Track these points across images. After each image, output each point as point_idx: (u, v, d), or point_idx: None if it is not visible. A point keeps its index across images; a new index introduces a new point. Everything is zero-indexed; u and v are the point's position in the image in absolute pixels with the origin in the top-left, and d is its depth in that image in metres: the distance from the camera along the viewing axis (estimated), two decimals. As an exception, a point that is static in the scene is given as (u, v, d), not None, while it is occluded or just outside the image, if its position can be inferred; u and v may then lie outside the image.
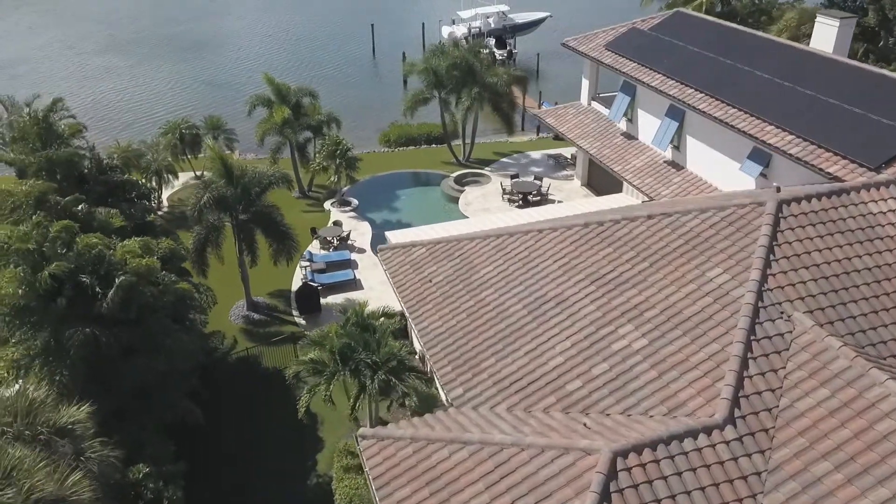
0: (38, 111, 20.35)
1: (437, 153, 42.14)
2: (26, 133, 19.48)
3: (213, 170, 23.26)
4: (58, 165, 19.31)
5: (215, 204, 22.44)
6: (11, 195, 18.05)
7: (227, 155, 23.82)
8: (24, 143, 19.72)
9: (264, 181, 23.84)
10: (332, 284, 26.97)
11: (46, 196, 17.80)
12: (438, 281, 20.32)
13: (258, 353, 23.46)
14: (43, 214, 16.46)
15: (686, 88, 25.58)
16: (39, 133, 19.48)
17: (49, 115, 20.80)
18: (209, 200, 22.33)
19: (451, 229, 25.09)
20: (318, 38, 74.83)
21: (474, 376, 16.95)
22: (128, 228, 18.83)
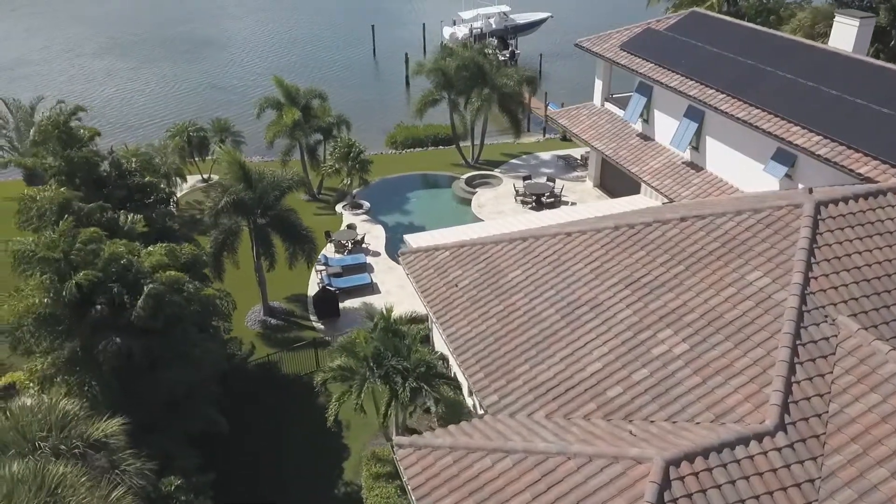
0: (59, 115, 19.97)
1: (445, 155, 41.86)
2: (47, 137, 19.09)
3: (229, 173, 22.91)
4: (78, 168, 18.93)
5: (233, 208, 22.10)
6: (34, 201, 17.65)
7: (242, 158, 23.41)
8: (45, 147, 19.33)
9: (282, 185, 23.51)
10: (349, 289, 26.64)
11: (70, 202, 17.42)
12: (465, 285, 20.05)
13: (278, 358, 23.09)
14: (70, 221, 16.08)
15: (706, 89, 25.39)
16: (60, 137, 19.09)
17: (69, 119, 20.41)
18: (227, 204, 21.99)
19: (471, 232, 24.79)
20: (319, 39, 74.50)
21: (508, 383, 16.68)
22: (151, 234, 18.47)
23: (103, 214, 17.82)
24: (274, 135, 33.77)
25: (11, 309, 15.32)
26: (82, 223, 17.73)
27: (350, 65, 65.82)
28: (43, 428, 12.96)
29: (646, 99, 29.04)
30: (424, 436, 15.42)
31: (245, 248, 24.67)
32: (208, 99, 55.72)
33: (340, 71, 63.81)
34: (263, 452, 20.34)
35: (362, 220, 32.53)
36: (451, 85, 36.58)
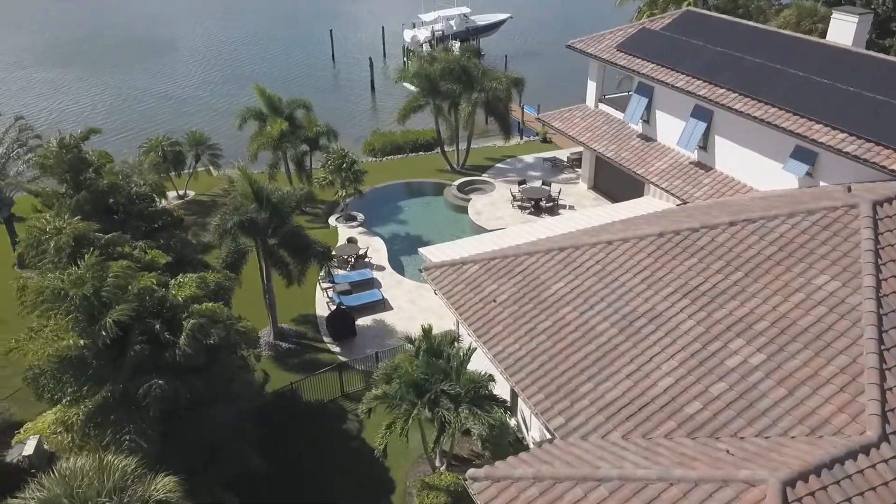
0: (68, 138, 18.21)
1: (428, 161, 40.97)
2: (58, 162, 17.36)
3: (239, 191, 21.50)
4: (99, 197, 17.32)
5: (244, 229, 20.74)
6: (44, 233, 15.99)
7: (246, 171, 21.97)
8: (54, 173, 17.60)
9: (292, 201, 22.23)
10: (361, 306, 25.48)
11: (88, 234, 15.85)
12: (504, 300, 19.25)
13: (299, 385, 21.81)
14: (96, 255, 14.58)
15: (716, 88, 25.25)
16: (71, 162, 17.40)
17: (80, 143, 18.66)
18: (236, 225, 20.63)
19: (488, 242, 24.00)
20: (273, 45, 72.32)
21: (573, 403, 15.96)
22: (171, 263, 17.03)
23: (123, 246, 16.31)
24: (259, 147, 32.24)
25: (37, 353, 13.78)
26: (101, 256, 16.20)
27: (309, 71, 64.14)
28: (100, 492, 11.60)
29: (647, 99, 28.80)
30: (499, 466, 14.53)
31: (248, 268, 23.31)
32: (162, 109, 53.31)
33: (300, 77, 62.00)
34: (302, 488, 19.07)
35: (358, 233, 31.34)
36: (437, 90, 35.67)
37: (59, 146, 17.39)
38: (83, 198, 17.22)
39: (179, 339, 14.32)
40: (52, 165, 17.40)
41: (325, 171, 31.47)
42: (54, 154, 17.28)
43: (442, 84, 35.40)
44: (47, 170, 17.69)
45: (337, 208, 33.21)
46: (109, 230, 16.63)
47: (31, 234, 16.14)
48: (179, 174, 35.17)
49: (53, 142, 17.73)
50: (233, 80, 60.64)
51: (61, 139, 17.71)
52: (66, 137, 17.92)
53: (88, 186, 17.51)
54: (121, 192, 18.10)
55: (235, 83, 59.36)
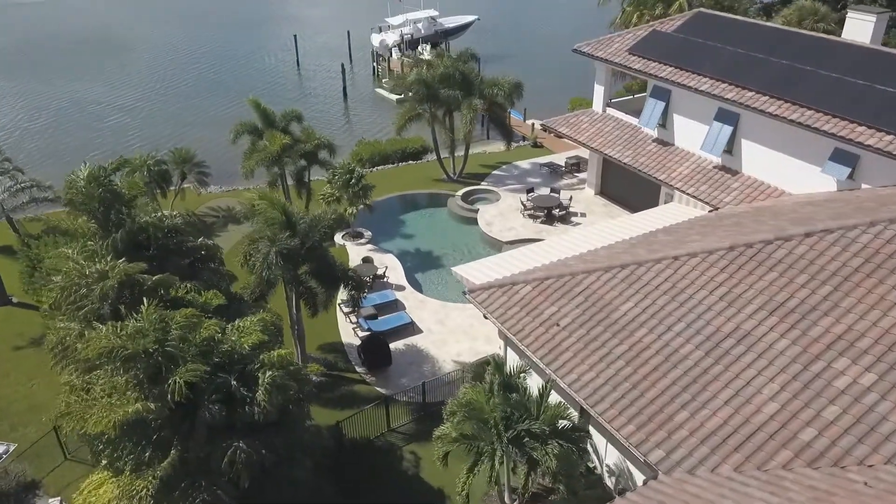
0: (99, 170, 16.26)
1: (421, 170, 39.72)
2: (87, 199, 15.42)
3: (268, 218, 19.86)
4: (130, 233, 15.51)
5: (282, 260, 19.18)
6: (83, 277, 14.15)
7: (270, 195, 20.36)
8: (85, 207, 15.64)
9: (322, 226, 20.73)
10: (389, 331, 24.10)
11: (133, 277, 14.11)
12: (568, 324, 18.23)
13: (343, 423, 20.32)
14: (154, 304, 12.92)
15: (744, 91, 24.80)
16: (103, 197, 15.52)
17: (112, 174, 16.74)
18: (275, 257, 19.04)
19: (523, 258, 22.92)
20: (235, 51, 69.60)
21: (670, 434, 15.04)
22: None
23: (174, 288, 14.64)
24: (257, 163, 30.44)
25: (99, 423, 12.09)
26: (142, 300, 14.51)
27: (273, 79, 61.84)
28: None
29: (664, 103, 28.21)
30: (619, 511, 13.50)
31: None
32: (122, 123, 50.44)
33: (265, 86, 59.53)
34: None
35: (368, 251, 29.87)
36: (436, 97, 34.42)
37: (89, 180, 15.53)
38: (119, 237, 15.41)
39: (256, 395, 12.80)
40: (82, 202, 15.51)
41: (331, 187, 29.87)
42: (83, 190, 15.39)
43: (441, 91, 34.16)
44: (75, 207, 15.78)
45: (344, 225, 31.64)
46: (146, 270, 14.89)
47: (68, 279, 14.27)
48: (165, 194, 32.98)
49: (80, 174, 15.83)
50: (195, 90, 58.10)
51: (90, 172, 15.85)
52: (94, 169, 16.05)
53: (121, 223, 15.70)
54: (157, 226, 16.33)
55: (199, 95, 56.91)
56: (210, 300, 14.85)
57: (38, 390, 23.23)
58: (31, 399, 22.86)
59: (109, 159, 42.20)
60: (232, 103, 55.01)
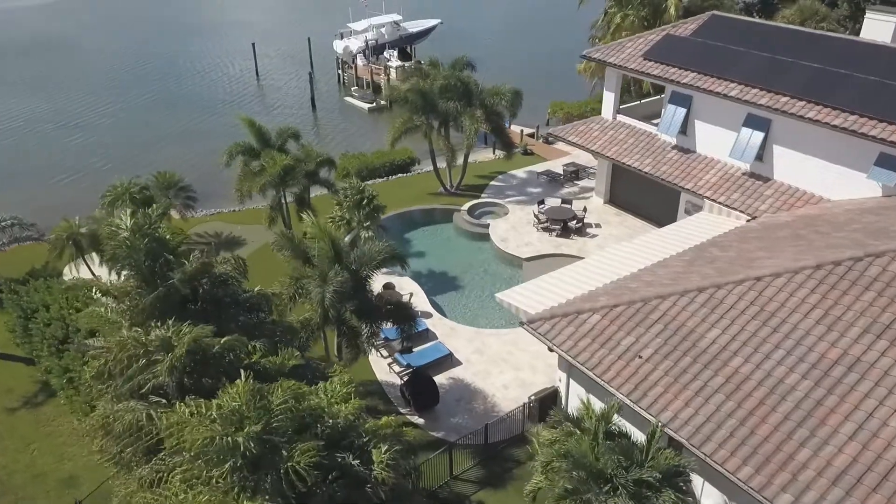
0: (144, 217, 14.02)
1: (413, 183, 38.07)
2: (133, 251, 13.19)
3: (318, 251, 17.99)
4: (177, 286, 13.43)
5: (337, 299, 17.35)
6: (143, 345, 12.04)
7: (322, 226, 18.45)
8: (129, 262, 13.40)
9: (374, 260, 18.98)
10: (428, 365, 22.46)
11: (199, 341, 12.11)
12: (651, 355, 17.02)
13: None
14: (250, 379, 11.00)
15: (778, 96, 24.19)
16: (150, 249, 13.35)
17: (159, 222, 14.49)
18: (331, 298, 17.20)
19: (568, 279, 21.71)
20: (186, 60, 66.18)
21: (795, 475, 13.97)
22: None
23: (246, 352, 12.70)
24: (260, 186, 28.29)
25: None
26: (215, 366, 12.57)
27: (233, 89, 58.99)
28: None
29: (685, 110, 27.42)
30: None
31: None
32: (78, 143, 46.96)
33: (225, 97, 56.72)
34: None
35: (383, 274, 28.05)
36: (433, 108, 32.85)
37: (134, 230, 13.37)
38: (165, 291, 13.34)
39: (374, 474, 11.10)
40: (125, 256, 13.33)
41: (341, 208, 27.92)
42: (127, 242, 13.20)
43: (440, 101, 32.61)
44: (118, 261, 13.58)
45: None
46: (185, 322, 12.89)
47: (122, 348, 12.12)
48: (151, 223, 30.36)
49: (123, 222, 13.62)
50: (154, 104, 54.81)
51: (135, 220, 13.68)
52: (139, 216, 13.88)
53: (167, 276, 13.64)
54: (207, 276, 14.30)
55: (158, 109, 53.69)
56: (287, 361, 12.98)
57: (38, 456, 20.71)
58: (33, 468, 20.33)
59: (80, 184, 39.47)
60: (196, 117, 52.29)
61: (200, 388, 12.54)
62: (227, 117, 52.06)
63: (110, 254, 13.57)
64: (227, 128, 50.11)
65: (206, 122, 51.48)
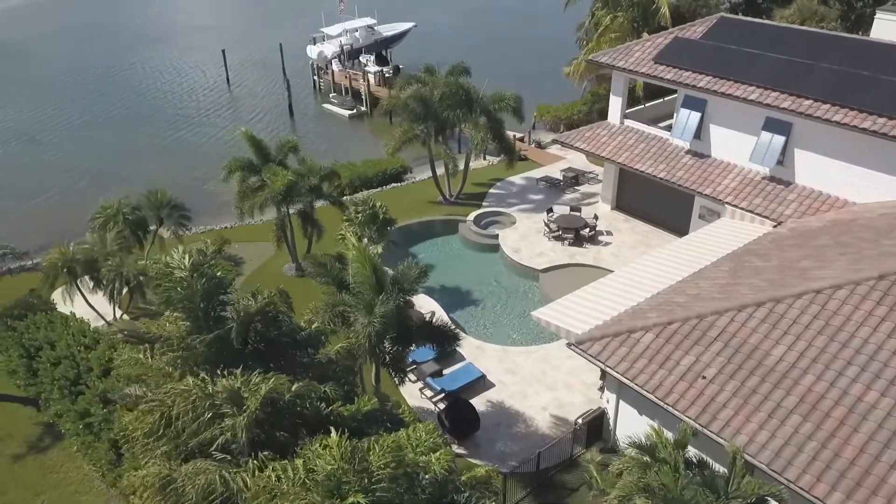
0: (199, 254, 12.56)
1: (410, 193, 37.00)
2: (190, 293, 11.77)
3: (359, 279, 16.82)
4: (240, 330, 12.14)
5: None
6: (209, 396, 10.73)
7: (364, 251, 17.26)
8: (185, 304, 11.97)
9: (409, 283, 17.92)
10: (461, 389, 21.47)
11: (277, 398, 10.87)
12: (714, 375, 16.37)
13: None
14: (343, 434, 9.86)
15: (800, 99, 23.88)
16: (208, 290, 11.96)
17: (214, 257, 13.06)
18: (377, 329, 16.07)
19: (610, 294, 20.92)
20: (157, 71, 63.62)
21: (890, 501, 13.45)
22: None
23: (313, 398, 11.52)
24: (261, 204, 26.95)
25: None
26: (289, 417, 11.40)
27: (204, 99, 56.85)
28: None
29: (699, 114, 26.98)
30: None
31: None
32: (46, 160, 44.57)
33: (199, 107, 54.69)
34: None
35: (396, 292, 26.89)
36: (435, 116, 31.83)
37: (193, 269, 12.01)
38: (223, 335, 12.06)
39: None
40: (181, 298, 11.96)
41: (352, 224, 26.68)
42: (183, 282, 11.84)
43: (442, 109, 31.61)
44: (173, 304, 12.16)
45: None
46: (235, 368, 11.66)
47: (186, 401, 10.79)
48: (142, 245, 28.69)
49: (178, 262, 12.19)
50: (124, 117, 52.54)
51: (193, 260, 12.29)
52: (196, 255, 12.48)
53: (220, 318, 12.34)
54: (265, 317, 13.04)
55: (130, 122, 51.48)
56: (362, 408, 11.86)
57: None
58: (44, 521, 18.78)
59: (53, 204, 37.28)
60: (167, 129, 50.30)
61: (273, 443, 11.35)
62: (201, 128, 50.28)
63: (164, 296, 12.17)
64: (202, 139, 48.48)
65: (179, 135, 49.52)
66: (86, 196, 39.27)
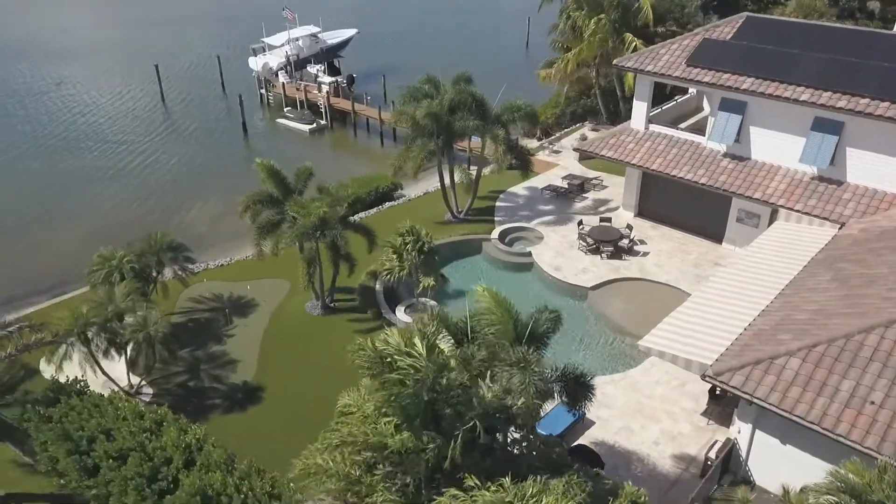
0: (423, 329, 9.93)
1: (412, 211, 34.57)
2: (423, 384, 9.12)
3: (497, 329, 14.69)
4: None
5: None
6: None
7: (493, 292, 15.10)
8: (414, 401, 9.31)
9: (540, 331, 15.97)
10: (565, 433, 19.74)
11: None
12: (883, 399, 15.43)
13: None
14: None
15: (857, 98, 23.62)
16: (448, 384, 9.36)
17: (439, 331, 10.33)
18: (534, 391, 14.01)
19: (708, 315, 19.86)
20: (83, 90, 57.76)
21: None
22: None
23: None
24: (287, 240, 24.19)
25: None
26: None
27: (139, 116, 52.13)
28: None
29: (739, 116, 26.37)
30: None
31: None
32: None
33: (134, 130, 49.82)
34: None
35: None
36: (448, 129, 29.83)
37: (429, 353, 9.38)
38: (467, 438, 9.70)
39: None
40: (410, 395, 9.39)
41: (399, 257, 24.34)
42: (416, 373, 9.32)
43: (455, 122, 29.67)
44: (400, 399, 9.48)
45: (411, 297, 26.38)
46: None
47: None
48: (148, 295, 25.29)
49: (398, 344, 9.60)
50: (62, 143, 47.32)
51: (427, 341, 9.63)
52: (423, 333, 9.91)
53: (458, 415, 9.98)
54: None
55: (69, 149, 46.43)
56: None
57: None
58: None
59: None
60: (111, 156, 45.79)
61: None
62: (145, 153, 45.83)
63: (395, 392, 9.73)
64: (147, 165, 44.28)
65: (122, 161, 45.00)
66: (39, 240, 34.90)
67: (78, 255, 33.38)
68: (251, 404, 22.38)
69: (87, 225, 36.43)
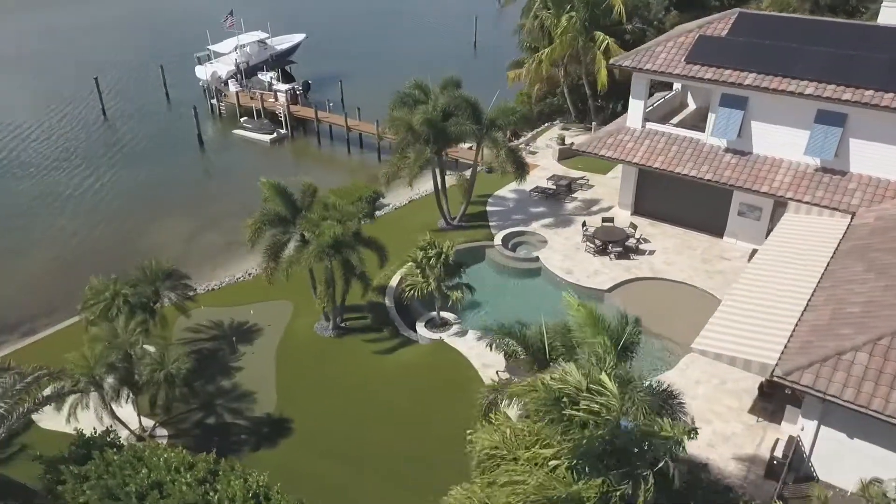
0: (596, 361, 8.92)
1: (400, 220, 33.86)
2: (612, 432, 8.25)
3: (594, 349, 14.01)
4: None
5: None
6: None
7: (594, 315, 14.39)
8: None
9: (627, 342, 15.43)
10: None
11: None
12: (959, 391, 15.66)
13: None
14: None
15: (861, 90, 24.14)
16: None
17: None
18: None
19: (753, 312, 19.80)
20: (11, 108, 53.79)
21: None
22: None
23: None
24: (301, 263, 22.89)
25: None
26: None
27: (80, 134, 48.82)
28: None
29: (741, 111, 26.64)
30: None
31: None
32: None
33: (76, 149, 46.56)
34: None
35: (469, 348, 24.02)
36: (443, 134, 29.02)
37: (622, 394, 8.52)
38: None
39: None
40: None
41: (423, 272, 23.34)
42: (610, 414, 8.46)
43: (451, 127, 28.89)
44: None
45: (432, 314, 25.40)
46: None
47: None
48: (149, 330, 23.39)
49: (579, 380, 8.65)
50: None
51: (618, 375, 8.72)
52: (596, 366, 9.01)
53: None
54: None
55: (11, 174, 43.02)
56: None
57: None
58: None
59: None
60: (59, 176, 42.57)
61: None
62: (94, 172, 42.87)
63: (583, 436, 8.92)
64: (97, 186, 41.47)
65: (71, 181, 41.96)
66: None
67: (44, 288, 31.04)
68: (281, 437, 21.01)
69: (46, 255, 33.80)
